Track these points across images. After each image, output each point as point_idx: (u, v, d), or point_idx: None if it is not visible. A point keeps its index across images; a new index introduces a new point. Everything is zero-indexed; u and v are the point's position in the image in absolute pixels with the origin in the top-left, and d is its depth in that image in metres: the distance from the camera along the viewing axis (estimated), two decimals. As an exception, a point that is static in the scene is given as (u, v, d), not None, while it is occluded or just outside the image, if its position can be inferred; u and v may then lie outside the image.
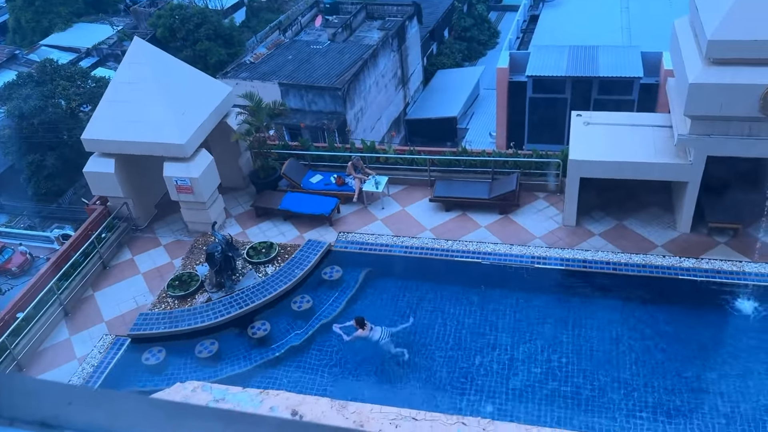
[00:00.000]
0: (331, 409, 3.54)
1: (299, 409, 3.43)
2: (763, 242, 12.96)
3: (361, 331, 11.92)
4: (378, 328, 12.00)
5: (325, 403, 3.58)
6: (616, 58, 21.99)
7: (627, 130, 14.09)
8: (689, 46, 12.50)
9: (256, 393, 3.61)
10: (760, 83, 11.20)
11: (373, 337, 11.90)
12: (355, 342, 12.01)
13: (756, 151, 12.20)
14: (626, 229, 14.11)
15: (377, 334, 11.91)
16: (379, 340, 11.87)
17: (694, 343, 11.81)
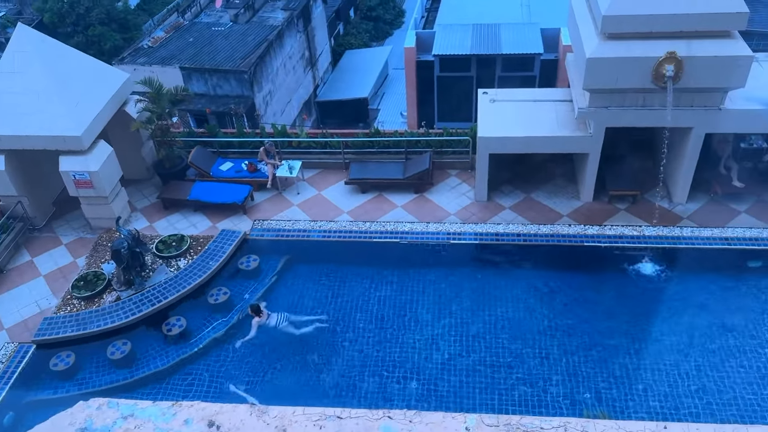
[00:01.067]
0: (250, 417, 3.42)
1: (216, 420, 3.29)
2: (660, 207, 13.80)
3: (258, 318, 11.90)
4: (275, 314, 12.09)
5: (244, 410, 3.45)
6: (518, 35, 22.59)
7: (531, 106, 14.55)
8: (585, 22, 13.00)
9: (167, 406, 3.43)
10: (652, 56, 11.82)
11: (270, 323, 11.96)
12: (257, 332, 11.93)
13: (650, 120, 12.92)
14: (534, 201, 14.64)
15: (274, 320, 12.01)
16: (277, 325, 11.94)
17: (602, 306, 12.46)
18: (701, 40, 11.77)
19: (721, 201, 13.92)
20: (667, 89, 12.02)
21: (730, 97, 12.50)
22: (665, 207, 13.97)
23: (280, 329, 12.00)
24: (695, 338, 11.54)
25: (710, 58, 11.72)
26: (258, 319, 11.93)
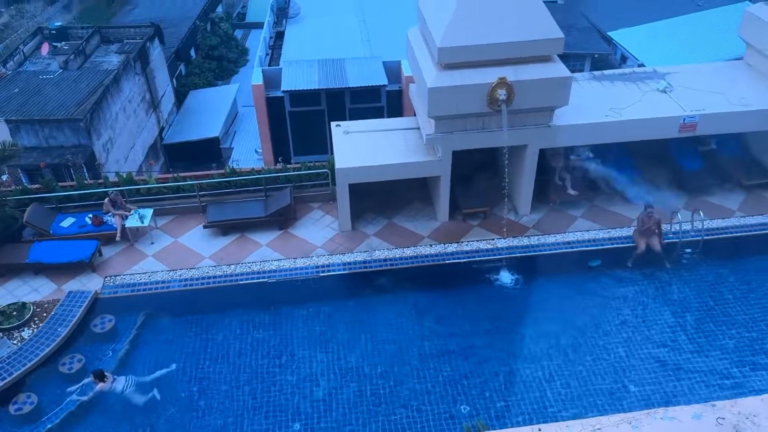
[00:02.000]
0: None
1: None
2: (508, 219, 14.82)
3: (102, 384, 11.09)
4: (122, 378, 11.31)
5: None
6: (362, 68, 23.36)
7: (382, 135, 15.06)
8: (423, 55, 13.77)
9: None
10: (485, 82, 12.77)
11: (116, 389, 11.18)
12: (99, 398, 11.08)
13: (490, 141, 13.90)
14: (396, 226, 15.09)
15: (121, 385, 11.21)
16: (123, 391, 11.18)
17: (469, 319, 13.05)
18: (527, 65, 12.93)
19: (560, 209, 15.26)
20: (502, 112, 13.04)
21: (557, 114, 13.82)
22: (513, 219, 15.04)
23: (130, 393, 11.18)
24: (555, 340, 12.43)
25: (536, 80, 12.90)
26: (102, 385, 11.05)
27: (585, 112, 14.20)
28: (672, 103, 14.42)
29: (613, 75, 15.82)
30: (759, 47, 15.14)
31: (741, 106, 14.18)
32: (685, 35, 25.75)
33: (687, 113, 14.07)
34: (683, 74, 15.55)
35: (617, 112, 14.20)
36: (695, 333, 12.36)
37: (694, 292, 13.32)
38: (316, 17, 30.51)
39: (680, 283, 13.58)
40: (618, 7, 33.25)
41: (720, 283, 13.49)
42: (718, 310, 12.84)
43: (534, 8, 12.87)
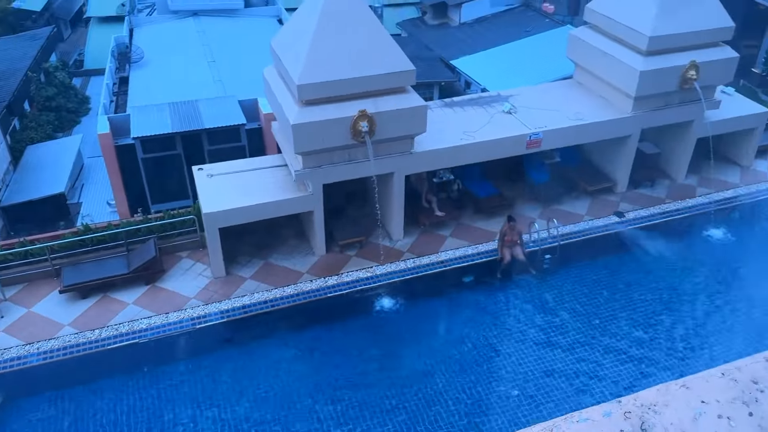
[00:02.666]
0: None
1: None
2: (383, 246, 15.12)
3: None
4: None
5: None
6: (218, 109, 22.87)
7: (249, 175, 14.82)
8: (282, 92, 13.82)
9: None
10: (347, 115, 13.05)
11: None
12: None
13: (358, 172, 14.17)
14: (273, 266, 14.82)
15: None
16: None
17: (357, 348, 13.08)
18: (384, 97, 13.41)
19: (430, 231, 15.85)
20: (366, 143, 13.38)
21: (418, 141, 14.43)
22: (388, 245, 15.38)
23: None
24: (443, 355, 12.80)
25: (394, 111, 13.40)
26: None
27: (442, 138, 14.96)
28: (517, 123, 15.63)
29: (463, 101, 16.86)
30: (585, 66, 16.91)
31: (576, 120, 15.70)
32: (520, 59, 28.11)
33: (531, 131, 15.32)
34: (524, 95, 16.94)
35: (471, 135, 15.12)
36: (568, 331, 13.32)
37: (558, 293, 14.39)
38: (162, 61, 29.52)
39: (545, 286, 14.61)
40: (456, 37, 35.58)
41: (579, 283, 14.69)
42: (581, 307, 13.96)
43: (385, 43, 13.41)
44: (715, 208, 16.59)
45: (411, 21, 40.64)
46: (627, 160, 16.80)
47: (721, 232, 16.19)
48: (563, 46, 18.06)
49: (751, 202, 17.05)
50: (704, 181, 17.57)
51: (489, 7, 36.56)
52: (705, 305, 14.16)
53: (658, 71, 15.12)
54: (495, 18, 36.46)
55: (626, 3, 15.57)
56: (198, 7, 33.84)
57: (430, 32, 37.59)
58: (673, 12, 14.91)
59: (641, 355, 12.73)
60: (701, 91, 15.55)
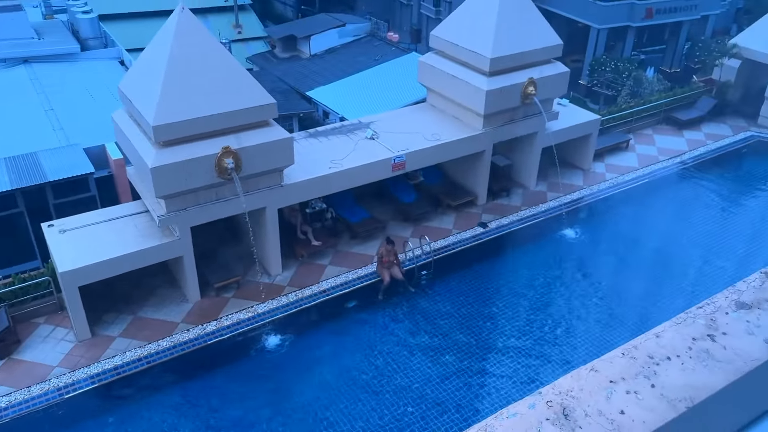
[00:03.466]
0: None
1: None
2: (263, 283, 14.75)
3: None
4: None
5: None
6: (61, 159, 21.19)
7: (107, 227, 13.88)
8: (136, 135, 13.16)
9: None
10: (210, 153, 12.68)
11: None
12: None
13: (228, 210, 13.79)
14: (144, 320, 13.90)
15: None
16: None
17: (246, 393, 12.57)
18: (248, 132, 13.22)
19: (308, 261, 15.74)
20: (233, 180, 13.07)
21: (287, 173, 14.35)
22: (267, 282, 15.04)
23: None
24: (335, 388, 12.67)
25: (259, 145, 13.25)
26: None
27: (311, 168, 15.01)
28: (381, 148, 16.10)
29: (326, 130, 17.06)
30: (436, 90, 17.84)
31: (435, 141, 16.48)
32: (373, 86, 29.04)
33: (395, 154, 15.84)
34: (384, 121, 17.50)
35: (338, 163, 15.32)
36: (451, 340, 13.77)
37: (438, 305, 14.89)
38: (-7, 112, 26.89)
39: (426, 300, 15.04)
40: (309, 69, 36.04)
41: (455, 293, 15.30)
42: (461, 316, 14.54)
43: (242, 78, 13.27)
44: (565, 209, 18.11)
45: (261, 55, 40.59)
46: (483, 174, 17.88)
47: (573, 230, 17.68)
48: (412, 71, 18.97)
49: (595, 201, 18.83)
50: (553, 186, 19.14)
51: (337, 38, 37.54)
52: (568, 296, 15.37)
53: (501, 89, 16.33)
54: (344, 48, 37.45)
55: (467, 28, 16.72)
56: (29, 54, 31.40)
57: (281, 65, 37.74)
58: (509, 34, 16.23)
59: (524, 349, 13.49)
60: (541, 104, 17.01)
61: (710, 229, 18.23)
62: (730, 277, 15.11)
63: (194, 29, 12.89)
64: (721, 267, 16.35)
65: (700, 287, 15.41)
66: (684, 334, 2.55)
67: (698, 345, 2.50)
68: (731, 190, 20.42)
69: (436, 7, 43.56)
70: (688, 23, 33.91)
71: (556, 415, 2.13)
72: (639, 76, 28.22)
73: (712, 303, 2.73)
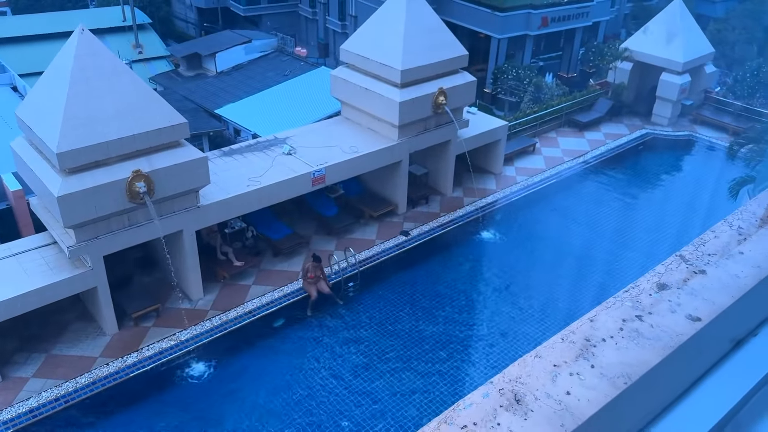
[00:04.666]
0: None
1: None
2: (184, 309, 14.27)
3: None
4: None
5: None
6: (-48, 193, 19.70)
7: (12, 261, 13.01)
8: (39, 164, 12.46)
9: None
10: (120, 178, 12.17)
11: None
12: None
13: (143, 236, 13.26)
14: (59, 357, 13.10)
15: None
16: None
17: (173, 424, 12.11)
18: (159, 154, 12.79)
19: (231, 282, 15.37)
20: (147, 204, 12.60)
21: (203, 194, 13.99)
22: (188, 307, 14.55)
23: None
24: (265, 407, 12.43)
25: (172, 167, 12.84)
26: None
27: (228, 187, 14.70)
28: (300, 163, 16.02)
29: (242, 148, 16.79)
30: (350, 103, 17.98)
31: (353, 153, 16.59)
32: (284, 102, 28.87)
33: (314, 168, 15.81)
34: (299, 136, 17.44)
35: (256, 181, 15.11)
36: (382, 348, 13.86)
37: (366, 315, 14.95)
38: None
39: (355, 312, 15.07)
40: (216, 87, 35.35)
41: (382, 302, 15.42)
42: (390, 323, 14.67)
43: (149, 98, 12.86)
44: (481, 213, 18.70)
45: (164, 74, 39.41)
46: (402, 183, 18.18)
47: (490, 233, 18.28)
48: (323, 85, 19.05)
49: (508, 203, 19.56)
50: (468, 191, 19.73)
51: (244, 55, 37.09)
52: (490, 294, 15.90)
53: (413, 100, 16.70)
54: (251, 65, 37.03)
55: (376, 42, 17.00)
56: None
57: (187, 84, 36.79)
58: (417, 46, 16.65)
59: (453, 349, 13.79)
60: (452, 113, 17.53)
61: (616, 222, 19.39)
62: (640, 265, 16.12)
63: (95, 50, 12.37)
64: (629, 257, 17.40)
65: (613, 277, 16.33)
66: (615, 317, 2.74)
67: (628, 326, 2.69)
68: (632, 185, 21.82)
69: (342, 21, 44.02)
70: (581, 30, 36.05)
71: (509, 402, 2.24)
72: (539, 82, 29.65)
73: (636, 287, 2.94)
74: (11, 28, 39.19)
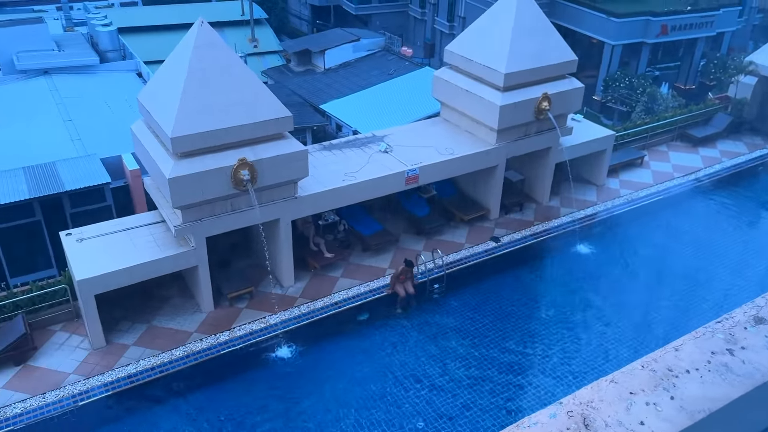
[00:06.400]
0: None
1: None
2: (275, 294, 14.82)
3: None
4: None
5: None
6: (78, 169, 21.50)
7: (124, 236, 14.03)
8: (155, 146, 13.33)
9: None
10: (227, 165, 12.82)
11: None
12: None
13: (243, 221, 13.91)
14: (158, 328, 14.00)
15: None
16: None
17: (256, 403, 12.60)
18: (263, 144, 13.36)
19: (321, 273, 15.80)
20: (249, 191, 13.20)
21: (301, 185, 14.47)
22: (279, 293, 15.10)
23: None
24: (348, 398, 12.67)
25: (274, 158, 13.37)
26: None
27: (325, 180, 15.12)
28: (395, 161, 16.18)
29: (341, 143, 17.20)
30: (450, 104, 17.95)
31: (448, 155, 16.55)
32: (387, 100, 29.22)
33: (409, 167, 15.92)
34: (397, 134, 17.61)
35: (352, 176, 15.42)
36: (462, 353, 13.74)
37: (451, 320, 14.87)
38: (12, 124, 27.35)
39: (438, 315, 15.04)
40: (323, 82, 36.35)
41: (467, 308, 15.28)
42: (473, 330, 14.51)
43: (259, 91, 13.44)
44: (578, 225, 18.06)
45: (276, 69, 40.98)
46: (496, 188, 17.90)
47: (586, 246, 17.62)
48: (425, 85, 19.08)
49: (609, 216, 18.76)
50: (566, 202, 19.12)
51: (352, 53, 37.84)
52: (581, 312, 15.29)
53: (515, 105, 16.39)
54: (358, 63, 37.74)
55: (481, 44, 16.83)
56: (49, 66, 31.93)
57: (296, 79, 38.07)
58: (524, 49, 16.32)
59: (537, 363, 13.44)
60: (555, 120, 17.05)
61: (725, 246, 18.10)
62: (746, 294, 14.99)
63: (213, 43, 13.08)
64: (736, 284, 16.21)
65: (716, 303, 15.28)
66: (703, 348, 2.58)
67: (717, 359, 2.52)
68: (747, 208, 20.28)
69: (450, 23, 43.89)
70: (703, 40, 33.91)
71: (576, 425, 2.17)
72: (654, 93, 28.21)
73: (730, 318, 2.75)
74: (140, 17, 42.15)
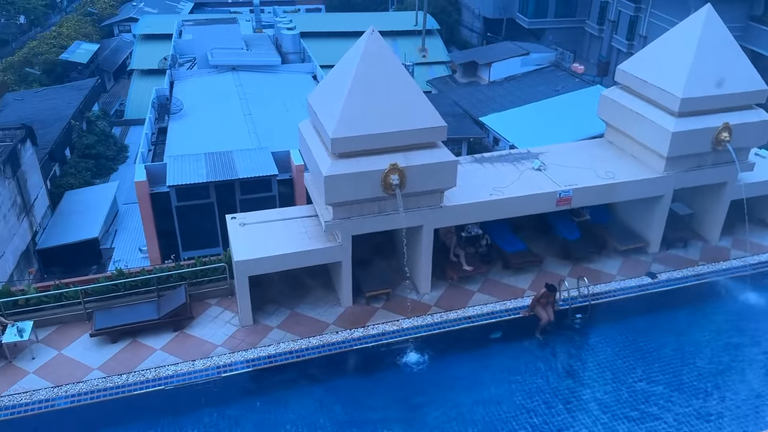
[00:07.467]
0: None
1: None
2: (410, 299, 15.04)
3: None
4: None
5: None
6: (251, 159, 23.46)
7: (281, 225, 15.03)
8: (316, 145, 14.14)
9: None
10: (379, 168, 13.26)
11: None
12: None
13: (388, 224, 14.28)
14: (300, 315, 14.83)
15: None
16: None
17: (381, 403, 12.86)
18: (416, 152, 13.61)
19: (457, 285, 15.75)
20: (396, 195, 13.53)
21: (447, 195, 14.54)
22: (415, 298, 15.29)
23: None
24: (469, 414, 12.50)
25: (425, 165, 13.56)
26: None
27: (472, 192, 15.05)
28: (547, 180, 15.67)
29: (492, 157, 17.01)
30: (616, 126, 17.00)
31: (608, 179, 15.68)
32: (549, 117, 28.40)
33: (562, 188, 15.32)
34: (554, 153, 17.03)
35: (500, 191, 15.19)
36: (598, 393, 12.94)
37: (590, 354, 14.06)
38: (200, 112, 30.49)
39: (577, 347, 14.30)
40: (485, 95, 36.18)
41: (610, 344, 14.34)
42: (612, 371, 13.59)
43: (417, 99, 13.71)
44: (750, 271, 16.21)
45: (441, 79, 41.54)
46: (659, 220, 16.62)
47: (757, 296, 15.75)
48: (593, 105, 18.21)
49: (789, 266, 16.63)
50: (739, 244, 17.24)
51: (519, 67, 37.29)
52: (740, 368, 13.69)
53: (690, 132, 15.12)
54: (524, 77, 37.07)
55: (658, 65, 15.74)
56: (237, 63, 35.11)
57: (459, 90, 38.29)
58: (706, 74, 15.00)
59: (680, 414, 12.30)
60: (735, 152, 15.48)
61: None
62: None
63: (380, 51, 13.57)
64: None
65: None
66: None
67: None
68: None
69: (629, 41, 41.58)
70: None
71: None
72: None
73: None
74: (321, 23, 44.91)
